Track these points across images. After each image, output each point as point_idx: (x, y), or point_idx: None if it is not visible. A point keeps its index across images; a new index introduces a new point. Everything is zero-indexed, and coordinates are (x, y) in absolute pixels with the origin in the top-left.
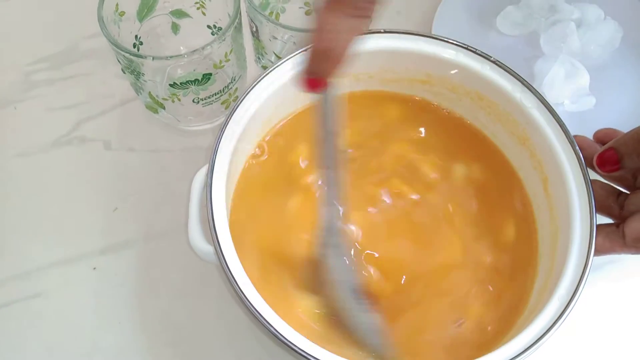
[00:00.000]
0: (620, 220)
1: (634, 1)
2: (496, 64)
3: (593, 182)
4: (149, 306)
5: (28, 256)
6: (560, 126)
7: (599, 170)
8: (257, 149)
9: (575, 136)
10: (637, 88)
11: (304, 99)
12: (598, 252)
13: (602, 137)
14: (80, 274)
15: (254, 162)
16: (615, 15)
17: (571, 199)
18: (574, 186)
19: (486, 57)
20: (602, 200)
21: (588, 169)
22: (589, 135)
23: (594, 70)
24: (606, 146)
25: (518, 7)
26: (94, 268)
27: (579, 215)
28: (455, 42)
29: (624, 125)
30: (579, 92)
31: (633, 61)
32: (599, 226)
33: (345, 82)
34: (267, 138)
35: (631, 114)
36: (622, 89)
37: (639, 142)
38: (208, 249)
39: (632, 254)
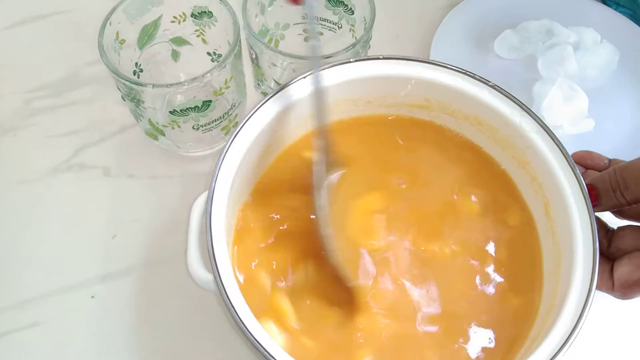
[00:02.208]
0: (608, 256)
1: (631, 24)
2: (495, 89)
3: None
4: (148, 334)
5: (26, 284)
6: (560, 149)
7: None
8: (258, 175)
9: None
10: (635, 110)
11: (305, 124)
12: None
13: (577, 160)
14: (79, 303)
15: (255, 188)
16: (611, 38)
17: (573, 222)
18: (576, 209)
19: (485, 81)
20: None
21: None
22: None
23: (592, 92)
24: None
25: (515, 31)
26: (93, 296)
27: (582, 239)
28: (453, 67)
29: (623, 147)
30: (577, 115)
31: (631, 83)
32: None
33: (345, 108)
34: (267, 164)
35: (630, 135)
36: (621, 111)
37: (616, 180)
38: (207, 277)
39: (618, 297)
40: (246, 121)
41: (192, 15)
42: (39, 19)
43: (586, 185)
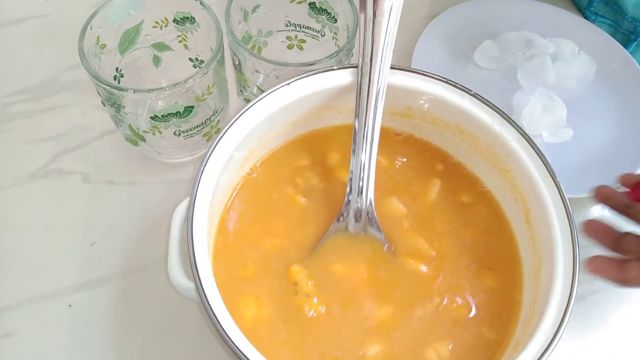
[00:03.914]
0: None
1: (607, 36)
2: (476, 97)
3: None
4: (127, 344)
5: (0, 293)
6: (540, 158)
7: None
8: (240, 182)
9: (599, 187)
10: (612, 119)
11: (286, 132)
12: (633, 284)
13: (625, 180)
14: (56, 312)
15: (236, 194)
16: (588, 50)
17: (553, 229)
18: (555, 217)
19: (466, 90)
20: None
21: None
22: (568, 166)
23: (570, 102)
24: None
25: (495, 41)
26: (70, 305)
27: (562, 246)
28: (435, 76)
29: (600, 156)
30: (556, 124)
31: (607, 93)
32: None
33: (329, 116)
34: (250, 171)
35: (607, 144)
36: (598, 120)
37: None
38: (188, 285)
39: (617, 285)
40: (228, 128)
41: (175, 20)
42: (18, 23)
43: (634, 183)
